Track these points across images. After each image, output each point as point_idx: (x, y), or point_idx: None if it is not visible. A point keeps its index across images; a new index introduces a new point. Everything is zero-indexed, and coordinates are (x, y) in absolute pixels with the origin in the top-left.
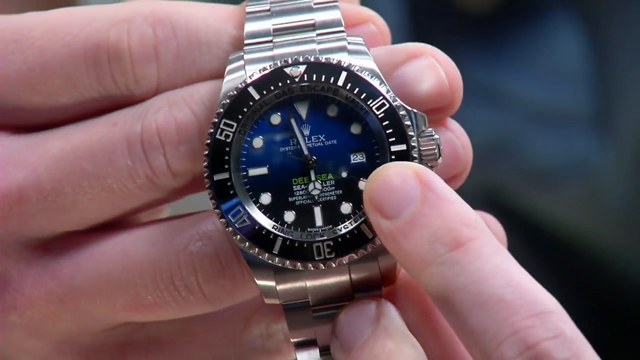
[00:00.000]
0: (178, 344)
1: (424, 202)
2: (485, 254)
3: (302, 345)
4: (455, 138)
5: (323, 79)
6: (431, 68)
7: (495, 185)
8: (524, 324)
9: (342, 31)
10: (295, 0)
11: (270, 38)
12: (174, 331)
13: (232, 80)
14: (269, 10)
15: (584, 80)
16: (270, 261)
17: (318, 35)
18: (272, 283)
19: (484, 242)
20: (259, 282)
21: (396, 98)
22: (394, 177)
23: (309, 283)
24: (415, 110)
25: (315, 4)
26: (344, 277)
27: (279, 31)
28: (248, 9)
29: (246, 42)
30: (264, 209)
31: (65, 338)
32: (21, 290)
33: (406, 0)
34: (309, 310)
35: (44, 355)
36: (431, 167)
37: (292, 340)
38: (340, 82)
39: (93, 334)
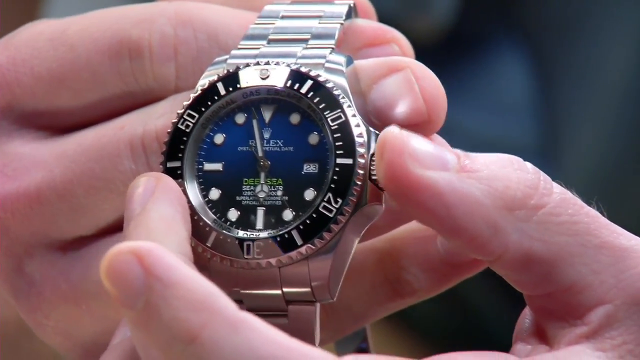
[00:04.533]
0: None
1: (151, 293)
2: (220, 338)
3: None
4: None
5: (289, 85)
6: (406, 83)
7: None
8: None
9: (332, 47)
10: (300, 20)
11: (263, 43)
12: None
13: (208, 77)
14: (274, 24)
15: (530, 111)
16: (204, 252)
17: (308, 45)
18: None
19: (216, 325)
20: None
21: (356, 114)
22: (117, 262)
23: (242, 290)
24: (374, 130)
25: (320, 22)
26: (277, 290)
27: (273, 41)
28: (256, 22)
29: (239, 45)
30: (211, 204)
31: (92, 340)
32: (43, 293)
33: None
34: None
35: (76, 357)
36: (383, 190)
37: None
38: (303, 90)
39: None
